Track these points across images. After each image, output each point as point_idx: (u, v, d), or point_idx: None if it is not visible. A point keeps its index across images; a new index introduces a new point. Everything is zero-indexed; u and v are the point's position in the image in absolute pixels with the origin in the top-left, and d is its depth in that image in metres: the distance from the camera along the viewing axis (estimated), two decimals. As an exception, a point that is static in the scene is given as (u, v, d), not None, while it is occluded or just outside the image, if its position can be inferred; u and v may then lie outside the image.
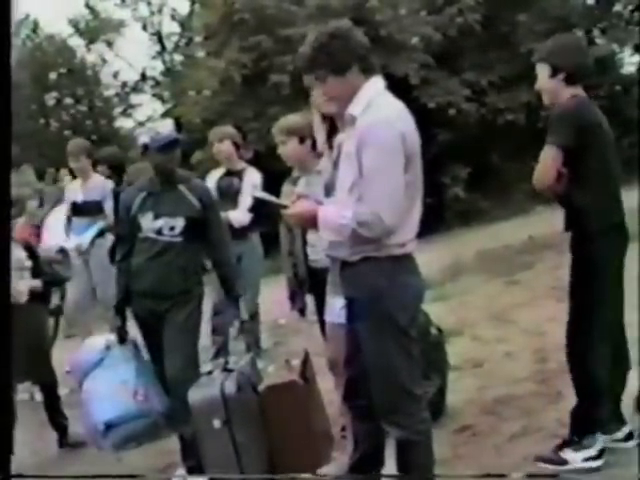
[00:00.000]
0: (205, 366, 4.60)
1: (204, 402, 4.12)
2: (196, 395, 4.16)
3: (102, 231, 6.86)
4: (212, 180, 6.48)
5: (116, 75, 24.17)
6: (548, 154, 3.83)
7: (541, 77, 4.00)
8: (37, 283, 5.55)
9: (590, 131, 3.87)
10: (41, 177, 12.80)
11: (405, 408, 3.32)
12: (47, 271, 5.72)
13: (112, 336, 4.66)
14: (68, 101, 22.83)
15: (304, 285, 4.62)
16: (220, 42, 16.45)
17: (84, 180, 7.04)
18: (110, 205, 6.82)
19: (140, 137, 4.73)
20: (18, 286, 5.25)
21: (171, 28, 25.02)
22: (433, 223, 11.92)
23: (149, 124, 21.22)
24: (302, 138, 4.53)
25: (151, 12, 24.53)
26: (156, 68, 24.62)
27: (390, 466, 3.52)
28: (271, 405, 4.10)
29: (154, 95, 24.41)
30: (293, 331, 7.64)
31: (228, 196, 6.36)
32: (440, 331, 4.90)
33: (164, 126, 4.80)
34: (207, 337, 6.07)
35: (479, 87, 16.08)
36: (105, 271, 6.46)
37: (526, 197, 14.16)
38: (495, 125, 16.14)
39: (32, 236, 6.78)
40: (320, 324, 4.49)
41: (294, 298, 4.88)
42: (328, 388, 4.36)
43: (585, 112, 3.93)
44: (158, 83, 24.41)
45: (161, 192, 4.60)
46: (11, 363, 3.25)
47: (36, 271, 5.59)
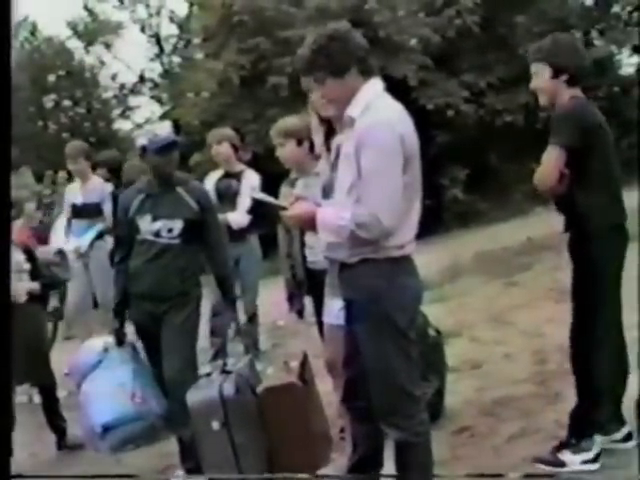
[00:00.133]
0: (204, 368, 4.59)
1: (203, 404, 4.11)
2: (195, 397, 4.16)
3: (101, 233, 6.86)
4: (211, 182, 6.48)
5: (114, 77, 24.22)
6: (551, 154, 3.79)
7: (541, 77, 3.96)
8: (35, 286, 5.55)
9: (593, 132, 3.86)
10: (39, 179, 12.80)
11: (404, 410, 3.32)
12: (45, 273, 5.72)
13: (110, 338, 4.66)
14: (66, 103, 22.86)
15: (302, 287, 4.62)
16: (218, 44, 16.46)
17: (83, 182, 7.05)
18: (109, 207, 6.82)
19: (138, 139, 4.73)
20: (16, 289, 5.24)
21: (169, 30, 25.15)
22: (431, 224, 11.93)
23: (147, 126, 21.23)
24: (300, 140, 4.53)
25: (149, 14, 24.60)
26: (154, 70, 24.70)
27: (389, 467, 3.52)
28: (270, 407, 4.09)
29: (152, 97, 24.45)
30: (291, 333, 7.63)
31: (227, 198, 6.36)
32: (439, 332, 4.90)
33: (162, 128, 4.79)
34: (205, 339, 6.06)
35: (477, 88, 16.10)
36: (104, 273, 6.46)
37: (525, 198, 14.19)
38: (493, 126, 16.16)
39: (30, 238, 6.77)
40: (318, 326, 4.49)
41: (292, 300, 4.88)
42: (327, 390, 4.36)
43: (588, 113, 3.92)
44: (156, 85, 24.43)
45: (159, 194, 4.60)
46: (11, 365, 3.24)
47: (34, 273, 5.59)
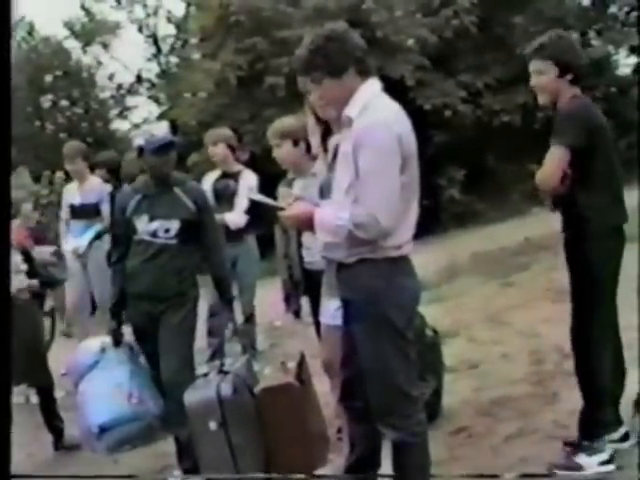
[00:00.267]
0: (201, 368, 4.59)
1: (200, 404, 4.11)
2: (192, 397, 4.16)
3: (100, 233, 6.86)
4: (208, 182, 6.47)
5: (112, 77, 24.19)
6: (556, 154, 3.77)
7: (546, 76, 3.88)
8: (35, 282, 5.56)
9: (597, 132, 3.85)
10: (37, 180, 12.79)
11: (401, 410, 3.32)
12: (42, 273, 5.72)
13: (108, 339, 4.65)
14: (64, 103, 22.81)
15: (299, 287, 4.63)
16: (216, 44, 16.46)
17: (81, 183, 7.06)
18: (107, 207, 6.83)
19: (135, 139, 4.73)
20: (16, 286, 5.24)
21: (167, 30, 25.13)
22: (429, 225, 11.93)
23: (145, 126, 21.21)
24: (296, 141, 4.53)
25: (147, 14, 24.58)
26: (152, 70, 24.68)
27: (386, 467, 3.52)
28: (267, 407, 4.09)
29: (150, 97, 24.43)
30: (289, 333, 7.63)
31: (224, 198, 6.36)
32: (436, 332, 4.90)
33: (159, 128, 4.79)
34: (203, 339, 6.06)
35: (475, 89, 16.11)
36: (102, 273, 6.44)
37: (522, 199, 14.21)
38: (491, 127, 16.16)
39: (27, 239, 6.76)
40: (315, 326, 4.49)
41: (289, 300, 4.89)
42: (324, 390, 4.36)
43: (592, 113, 3.90)
44: (154, 85, 24.41)
45: (156, 194, 4.59)
46: (10, 364, 3.24)
47: (31, 274, 5.58)
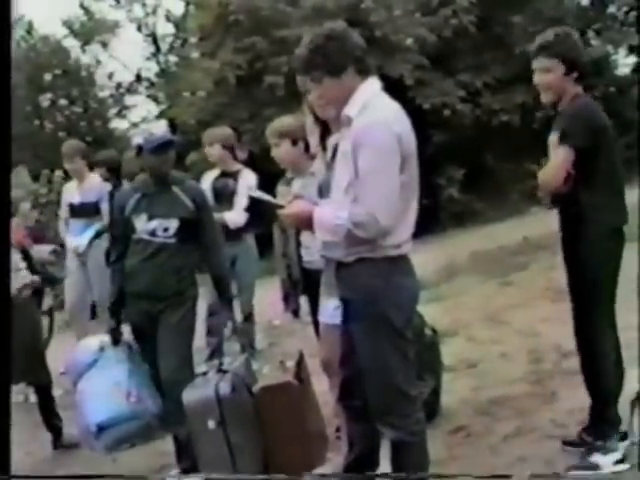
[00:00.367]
0: (200, 367, 4.59)
1: (199, 403, 4.11)
2: (191, 396, 4.16)
3: (100, 232, 6.86)
4: (207, 181, 6.47)
5: (111, 76, 24.14)
6: (562, 155, 3.76)
7: (553, 74, 3.85)
8: (36, 278, 5.56)
9: (601, 132, 3.84)
10: (36, 178, 12.79)
11: (400, 409, 3.32)
12: (40, 272, 5.71)
13: (106, 337, 4.65)
14: (63, 102, 22.77)
15: (298, 286, 4.62)
16: (215, 43, 16.45)
17: (80, 182, 7.06)
18: (107, 206, 6.82)
19: (134, 138, 4.73)
20: (19, 280, 5.24)
21: (166, 29, 25.06)
22: (428, 224, 11.92)
23: (144, 125, 21.21)
24: (294, 140, 4.53)
25: (146, 13, 24.54)
26: (151, 69, 24.64)
27: (385, 467, 3.53)
28: (266, 406, 4.09)
29: (149, 96, 24.40)
30: (287, 332, 7.63)
31: (223, 197, 6.35)
32: (434, 332, 4.90)
33: (158, 127, 4.80)
34: (202, 338, 6.06)
35: (474, 88, 16.10)
36: (102, 272, 6.44)
37: (521, 198, 14.21)
38: (490, 126, 16.16)
39: (26, 238, 6.76)
40: (314, 325, 4.50)
41: (288, 299, 4.89)
42: (323, 389, 4.36)
43: (597, 113, 3.90)
44: (153, 84, 24.39)
45: (155, 193, 4.59)
46: (10, 364, 3.24)
47: (30, 272, 5.58)
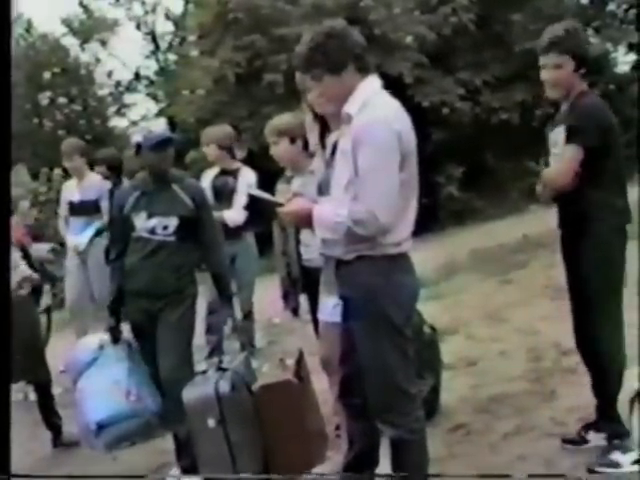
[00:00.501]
0: (199, 365, 4.59)
1: (198, 401, 4.11)
2: (190, 394, 4.16)
3: (100, 230, 6.85)
4: (207, 179, 6.47)
5: (110, 74, 24.12)
6: (572, 154, 3.75)
7: (564, 70, 3.83)
8: (36, 275, 5.56)
9: (610, 131, 3.84)
10: (35, 177, 12.79)
11: (400, 407, 3.32)
12: (39, 269, 5.71)
13: (106, 336, 4.65)
14: (62, 100, 22.74)
15: (297, 284, 4.62)
16: (214, 41, 16.42)
17: (79, 180, 7.06)
18: (107, 204, 6.81)
19: (133, 136, 4.73)
20: (18, 274, 5.24)
21: (165, 27, 25.09)
22: (427, 222, 11.92)
23: (143, 123, 21.23)
24: (293, 138, 4.53)
25: (145, 11, 24.54)
26: (150, 67, 24.63)
27: (385, 465, 3.52)
28: (265, 404, 4.09)
29: (148, 94, 24.40)
30: (287, 330, 7.63)
31: (223, 195, 6.35)
32: (434, 330, 4.90)
33: (157, 125, 4.81)
34: (201, 336, 6.06)
35: (473, 86, 16.08)
36: (102, 271, 6.44)
37: (520, 196, 14.18)
38: (489, 124, 16.15)
39: (25, 236, 6.76)
40: (314, 323, 4.49)
41: (287, 297, 4.88)
42: (322, 387, 4.36)
43: (606, 112, 3.89)
44: (152, 82, 24.38)
45: (154, 191, 4.59)
46: (10, 362, 3.24)
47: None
